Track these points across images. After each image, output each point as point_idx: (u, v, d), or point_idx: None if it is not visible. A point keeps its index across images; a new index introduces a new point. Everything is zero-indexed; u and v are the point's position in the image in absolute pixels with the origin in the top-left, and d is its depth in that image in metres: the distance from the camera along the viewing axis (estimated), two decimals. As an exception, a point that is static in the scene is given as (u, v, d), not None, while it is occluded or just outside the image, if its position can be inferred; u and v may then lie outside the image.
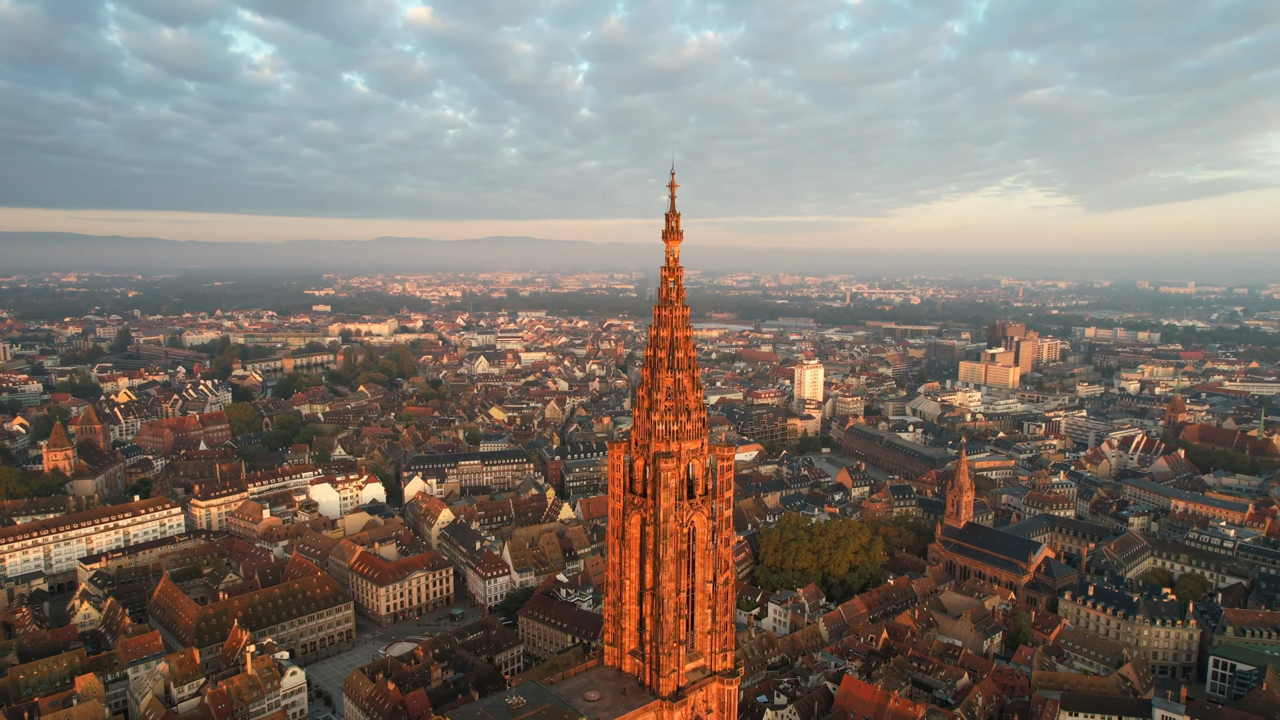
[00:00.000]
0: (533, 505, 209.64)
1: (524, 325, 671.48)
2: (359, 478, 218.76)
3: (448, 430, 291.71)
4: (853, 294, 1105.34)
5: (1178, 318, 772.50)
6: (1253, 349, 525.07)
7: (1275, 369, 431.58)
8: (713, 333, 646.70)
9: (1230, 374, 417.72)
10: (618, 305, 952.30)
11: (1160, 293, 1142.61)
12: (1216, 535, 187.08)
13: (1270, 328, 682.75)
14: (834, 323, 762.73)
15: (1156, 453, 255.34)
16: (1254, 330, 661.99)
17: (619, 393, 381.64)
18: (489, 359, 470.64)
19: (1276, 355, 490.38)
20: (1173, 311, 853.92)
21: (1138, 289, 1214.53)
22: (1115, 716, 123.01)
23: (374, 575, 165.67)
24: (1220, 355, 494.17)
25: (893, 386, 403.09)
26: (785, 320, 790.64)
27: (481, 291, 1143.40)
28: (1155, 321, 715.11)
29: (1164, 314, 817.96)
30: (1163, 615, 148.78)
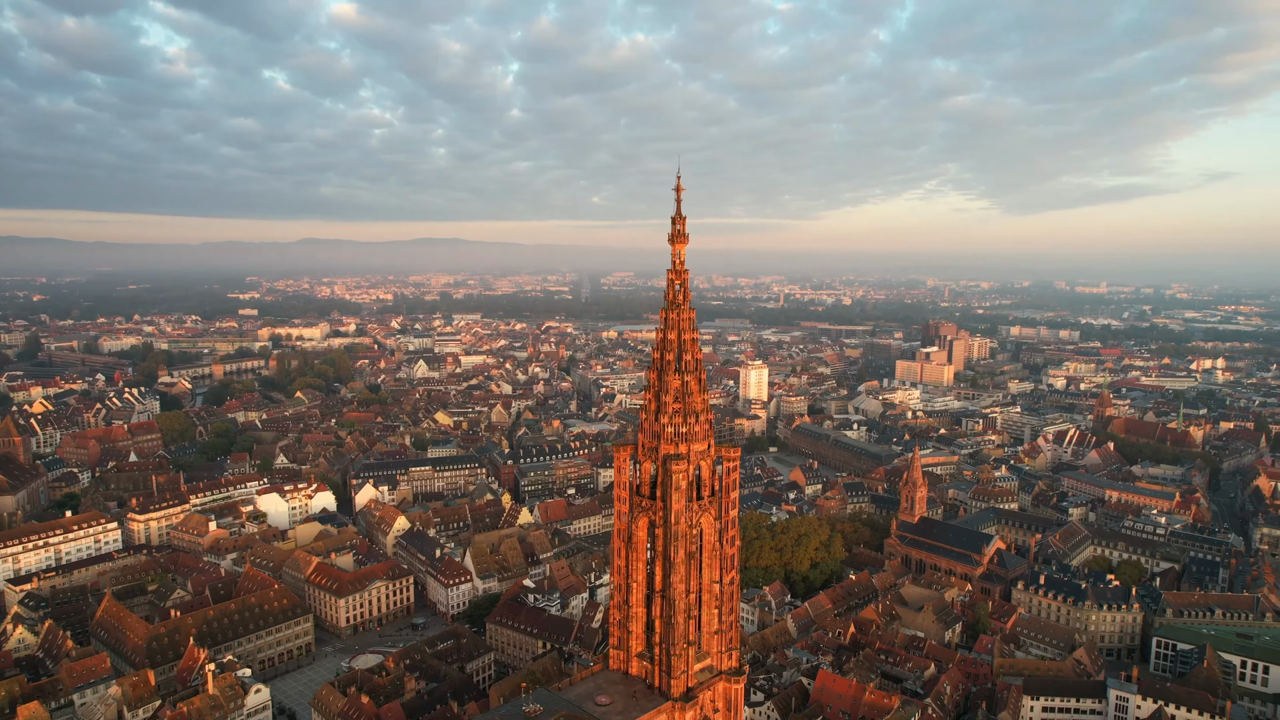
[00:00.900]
0: (489, 511, 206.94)
1: (461, 328, 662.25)
2: (308, 486, 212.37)
3: (394, 436, 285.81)
4: (786, 295, 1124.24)
5: (1093, 316, 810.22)
6: (1163, 346, 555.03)
7: (1184, 365, 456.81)
8: (652, 334, 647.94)
9: (1146, 370, 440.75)
10: (553, 307, 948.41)
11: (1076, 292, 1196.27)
12: (1149, 523, 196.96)
13: (1176, 326, 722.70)
14: (770, 323, 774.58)
15: (1088, 446, 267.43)
16: (1163, 328, 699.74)
17: (565, 395, 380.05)
18: (428, 363, 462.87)
19: (1184, 352, 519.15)
20: (1088, 310, 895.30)
21: (1055, 289, 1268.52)
22: (1074, 698, 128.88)
23: (332, 586, 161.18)
24: (1135, 352, 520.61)
25: (834, 386, 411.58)
26: (722, 321, 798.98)
27: (414, 294, 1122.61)
28: (1074, 320, 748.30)
29: (1080, 313, 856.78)
30: (1108, 600, 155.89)
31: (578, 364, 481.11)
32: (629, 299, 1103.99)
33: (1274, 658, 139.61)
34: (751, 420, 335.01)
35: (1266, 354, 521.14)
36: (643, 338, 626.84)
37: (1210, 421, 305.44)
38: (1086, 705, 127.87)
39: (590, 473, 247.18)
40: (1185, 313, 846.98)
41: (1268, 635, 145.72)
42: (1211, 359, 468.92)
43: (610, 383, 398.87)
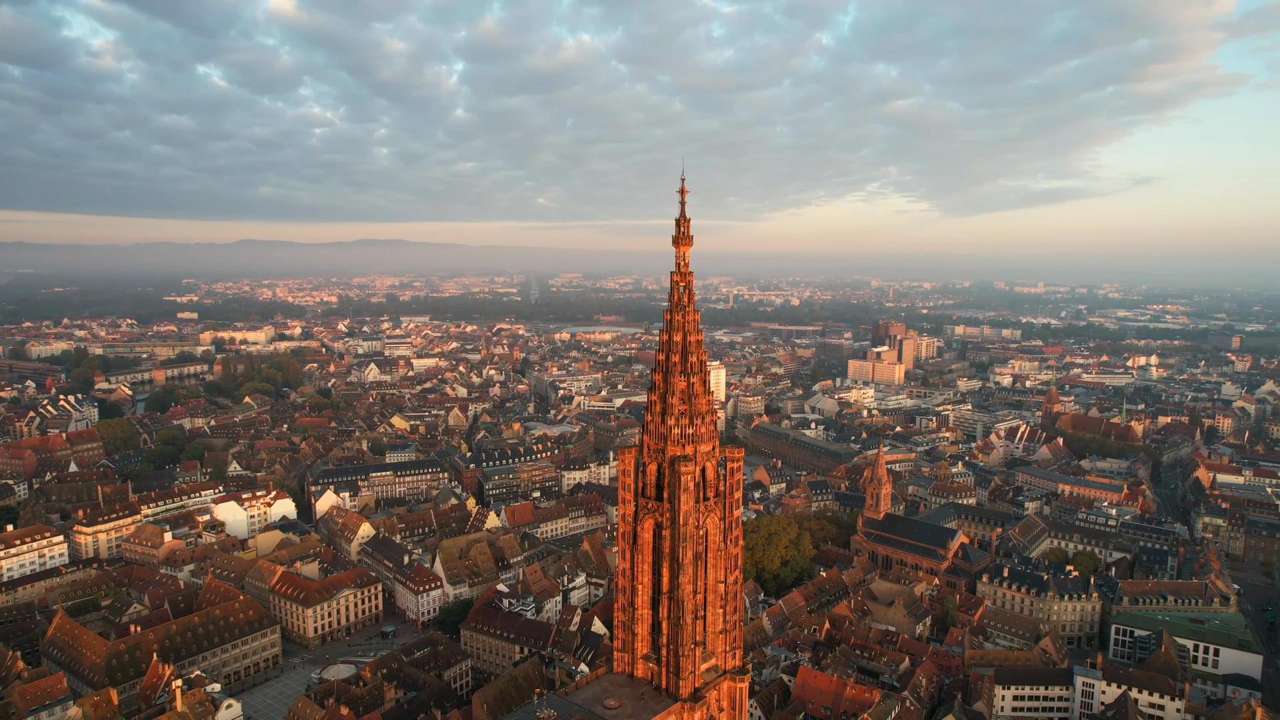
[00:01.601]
0: (455, 516, 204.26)
1: (410, 331, 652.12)
2: (266, 494, 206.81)
3: (350, 441, 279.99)
4: (735, 296, 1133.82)
5: (1033, 315, 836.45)
6: (1101, 344, 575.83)
7: (1121, 362, 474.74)
8: (605, 335, 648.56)
9: (1086, 367, 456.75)
10: (503, 309, 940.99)
11: (1015, 292, 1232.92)
12: (1101, 515, 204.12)
13: (1111, 324, 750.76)
14: (720, 324, 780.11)
15: (1039, 442, 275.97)
16: (1099, 327, 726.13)
17: (523, 398, 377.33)
18: (380, 366, 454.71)
19: (1120, 349, 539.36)
20: (1027, 309, 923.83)
21: (995, 289, 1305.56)
22: (1042, 686, 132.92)
23: (299, 596, 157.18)
24: (1076, 350, 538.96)
25: (788, 385, 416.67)
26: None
27: (359, 296, 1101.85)
28: (1015, 320, 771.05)
29: (1020, 312, 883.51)
30: (1069, 591, 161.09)
31: (532, 366, 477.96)
32: (579, 300, 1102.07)
33: (1224, 641, 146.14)
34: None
35: (1194, 351, 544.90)
36: (596, 339, 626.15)
37: (1149, 416, 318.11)
38: (1055, 693, 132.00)
39: (555, 475, 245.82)
40: (1118, 312, 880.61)
41: (1217, 620, 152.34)
42: (1145, 356, 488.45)
43: (567, 385, 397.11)
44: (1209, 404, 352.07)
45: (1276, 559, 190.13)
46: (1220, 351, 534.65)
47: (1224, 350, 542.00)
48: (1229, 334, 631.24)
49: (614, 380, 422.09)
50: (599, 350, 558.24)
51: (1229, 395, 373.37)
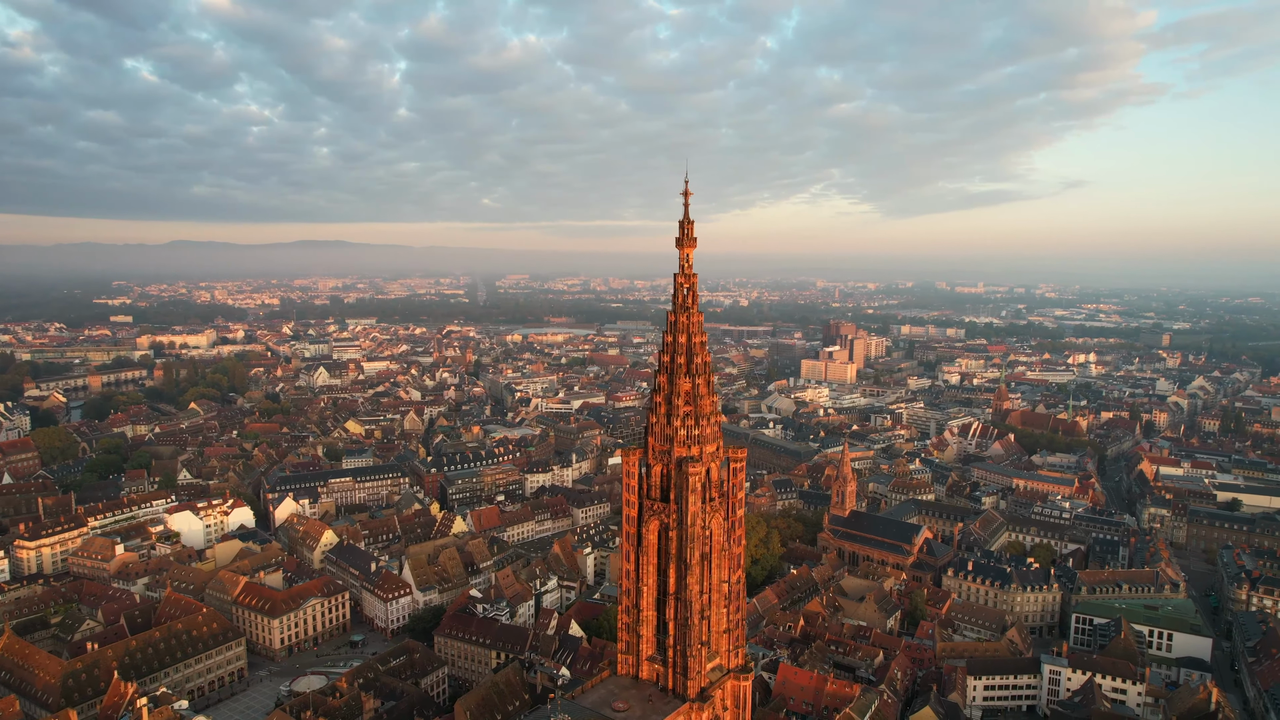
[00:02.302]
0: (419, 521, 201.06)
1: (358, 334, 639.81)
2: (223, 503, 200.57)
3: (304, 447, 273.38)
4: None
5: (974, 315, 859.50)
6: (1042, 342, 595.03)
7: (1062, 360, 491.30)
8: (557, 337, 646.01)
9: (1030, 365, 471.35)
10: (451, 311, 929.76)
11: (956, 292, 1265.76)
12: (1055, 509, 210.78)
13: (1049, 323, 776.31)
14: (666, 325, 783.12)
15: (991, 438, 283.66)
16: (1038, 326, 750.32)
17: (479, 400, 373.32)
18: (329, 370, 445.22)
19: (1060, 347, 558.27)
20: (969, 309, 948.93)
21: (937, 289, 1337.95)
22: (1012, 675, 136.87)
23: (264, 607, 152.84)
24: (1018, 348, 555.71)
25: (744, 385, 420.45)
26: (624, 323, 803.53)
27: (301, 299, 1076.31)
28: (958, 319, 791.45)
29: (962, 311, 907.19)
30: (1031, 582, 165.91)
31: (486, 368, 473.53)
32: (528, 302, 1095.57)
33: (1176, 626, 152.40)
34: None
35: (1129, 349, 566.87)
36: (548, 341, 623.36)
37: (1092, 412, 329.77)
38: (1023, 681, 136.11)
39: (518, 478, 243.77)
40: (1055, 311, 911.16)
41: (1170, 606, 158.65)
42: (1084, 354, 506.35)
43: (523, 387, 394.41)
44: (1146, 399, 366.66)
45: (1217, 546, 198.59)
46: (1152, 349, 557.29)
47: (1155, 348, 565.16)
48: (1159, 332, 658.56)
49: (569, 382, 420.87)
50: (552, 352, 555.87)
51: (1163, 391, 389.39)
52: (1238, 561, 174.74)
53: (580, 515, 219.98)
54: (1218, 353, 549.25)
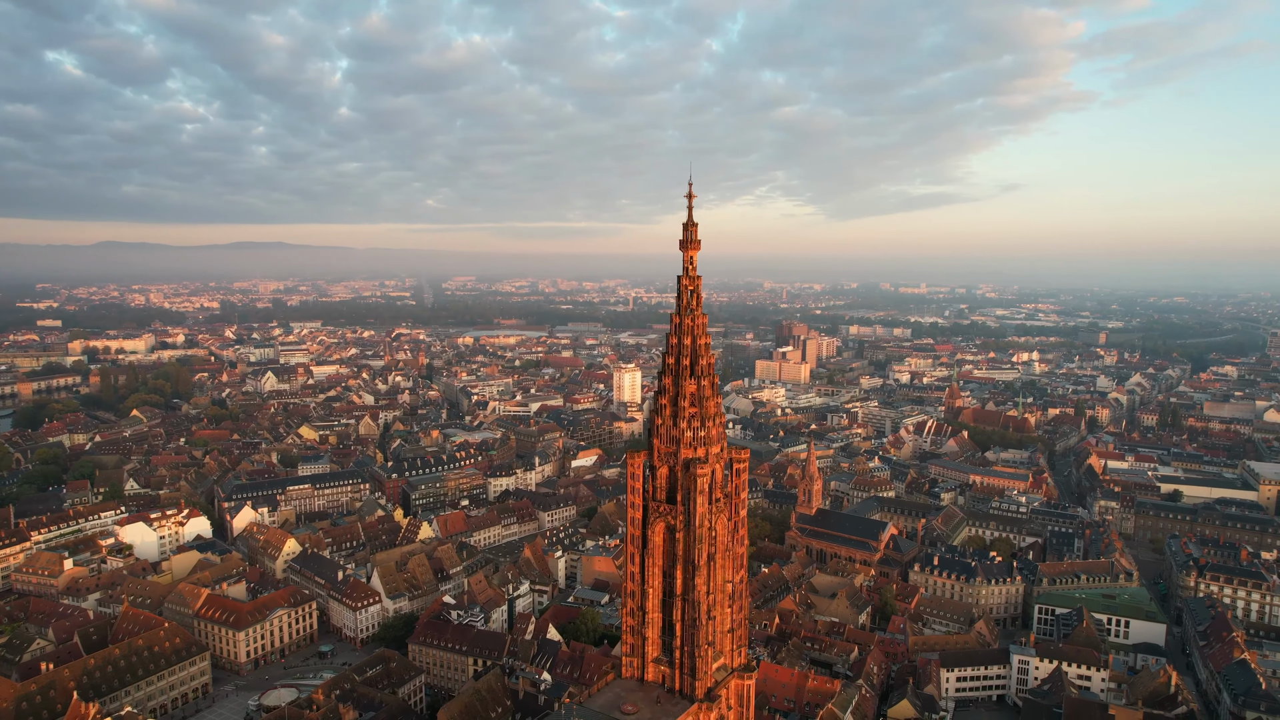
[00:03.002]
0: (384, 528, 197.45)
1: (304, 337, 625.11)
2: (178, 513, 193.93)
3: (258, 454, 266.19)
4: (635, 298, 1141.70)
5: (919, 315, 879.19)
6: (986, 341, 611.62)
7: (1007, 358, 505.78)
8: (509, 339, 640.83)
9: (976, 363, 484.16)
10: (398, 313, 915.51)
11: (900, 293, 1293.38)
12: (1012, 503, 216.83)
13: (992, 322, 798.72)
14: (623, 326, 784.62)
15: (945, 436, 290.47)
16: (981, 325, 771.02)
17: (435, 404, 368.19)
18: (277, 374, 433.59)
19: (1004, 346, 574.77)
20: (913, 309, 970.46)
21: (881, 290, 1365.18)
22: (982, 666, 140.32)
23: (229, 619, 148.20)
24: (964, 347, 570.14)
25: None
26: (575, 325, 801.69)
27: (242, 302, 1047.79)
28: (904, 319, 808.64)
29: (907, 311, 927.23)
30: (994, 575, 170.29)
31: (440, 371, 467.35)
32: (476, 304, 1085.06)
33: (1133, 613, 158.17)
34: (629, 423, 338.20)
35: (1069, 347, 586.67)
36: (500, 343, 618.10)
37: (1039, 408, 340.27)
38: (993, 671, 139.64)
39: (482, 483, 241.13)
40: (996, 310, 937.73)
41: (1126, 594, 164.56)
42: (1027, 352, 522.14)
43: (479, 390, 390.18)
44: (1088, 396, 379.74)
45: (1163, 536, 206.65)
46: (1090, 347, 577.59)
47: (1093, 346, 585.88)
48: (1095, 331, 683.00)
49: (525, 384, 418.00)
50: (505, 354, 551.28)
51: (1104, 388, 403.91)
52: (1185, 550, 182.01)
53: (547, 518, 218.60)
54: (1150, 350, 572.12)
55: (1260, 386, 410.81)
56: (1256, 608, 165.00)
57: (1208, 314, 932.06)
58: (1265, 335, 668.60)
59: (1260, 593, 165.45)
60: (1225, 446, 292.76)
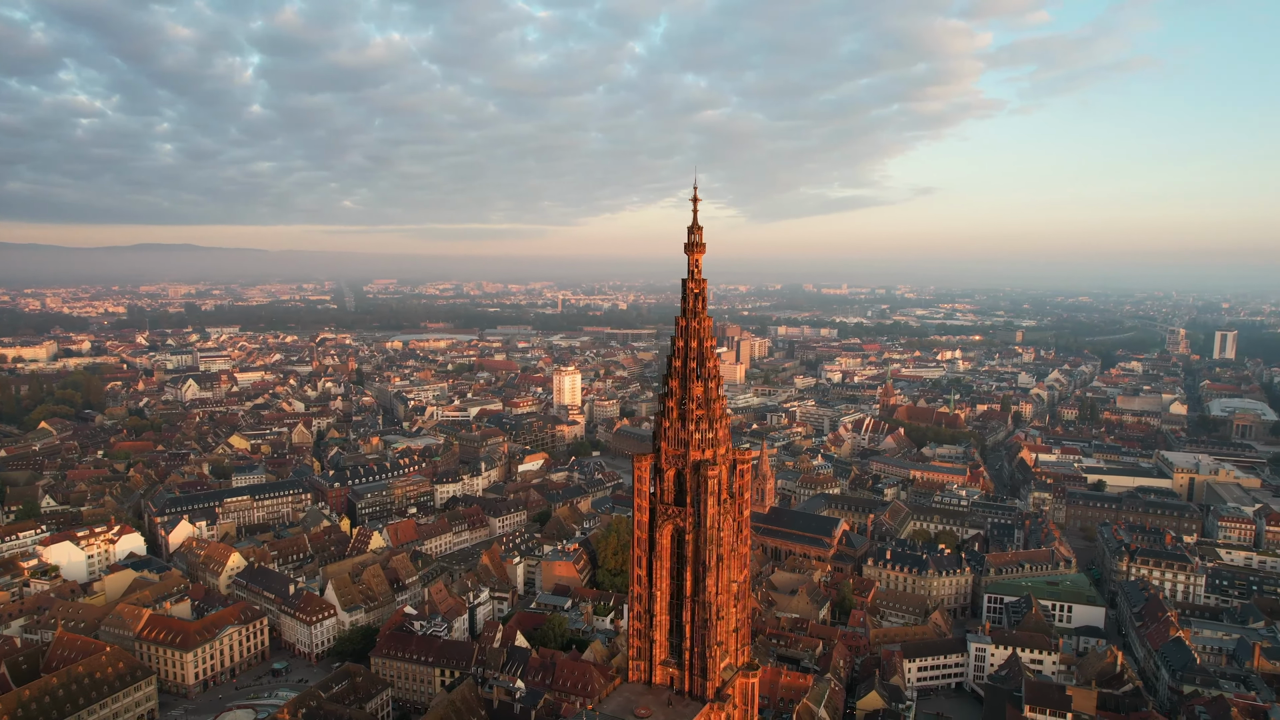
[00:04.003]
0: (332, 539, 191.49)
1: (224, 343, 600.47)
2: (108, 530, 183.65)
3: (187, 466, 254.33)
4: (563, 301, 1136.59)
5: (843, 315, 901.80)
6: (910, 340, 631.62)
7: (932, 357, 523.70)
8: (439, 343, 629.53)
9: (903, 362, 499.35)
10: (320, 317, 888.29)
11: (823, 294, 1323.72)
12: (953, 497, 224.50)
13: (913, 322, 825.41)
14: (554, 329, 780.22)
15: (883, 433, 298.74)
16: (904, 325, 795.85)
17: (371, 410, 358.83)
18: (199, 382, 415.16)
19: (928, 345, 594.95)
20: (837, 309, 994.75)
21: (805, 291, 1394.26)
22: (942, 655, 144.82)
23: (175, 640, 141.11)
24: (890, 347, 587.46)
25: (638, 388, 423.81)
26: (505, 328, 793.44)
27: (152, 306, 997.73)
28: (829, 319, 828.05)
29: (830, 312, 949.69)
30: (945, 567, 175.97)
31: (371, 377, 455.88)
32: (401, 307, 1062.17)
33: (1075, 598, 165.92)
34: (571, 426, 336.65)
35: (988, 345, 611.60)
36: (431, 347, 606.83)
37: (968, 405, 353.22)
38: (952, 660, 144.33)
39: (429, 490, 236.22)
40: (916, 310, 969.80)
41: (1068, 581, 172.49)
42: (950, 351, 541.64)
43: (415, 395, 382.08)
44: (1012, 392, 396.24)
45: (1093, 524, 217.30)
46: (1008, 345, 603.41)
47: (1011, 344, 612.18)
48: (1011, 329, 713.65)
49: (460, 389, 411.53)
50: (437, 359, 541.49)
51: (1025, 384, 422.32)
52: (1116, 537, 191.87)
53: (498, 524, 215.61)
54: (1063, 347, 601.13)
55: (1164, 381, 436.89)
56: (1182, 588, 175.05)
57: (1110, 313, 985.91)
58: (1163, 333, 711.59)
59: (1185, 574, 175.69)
60: (1139, 438, 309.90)
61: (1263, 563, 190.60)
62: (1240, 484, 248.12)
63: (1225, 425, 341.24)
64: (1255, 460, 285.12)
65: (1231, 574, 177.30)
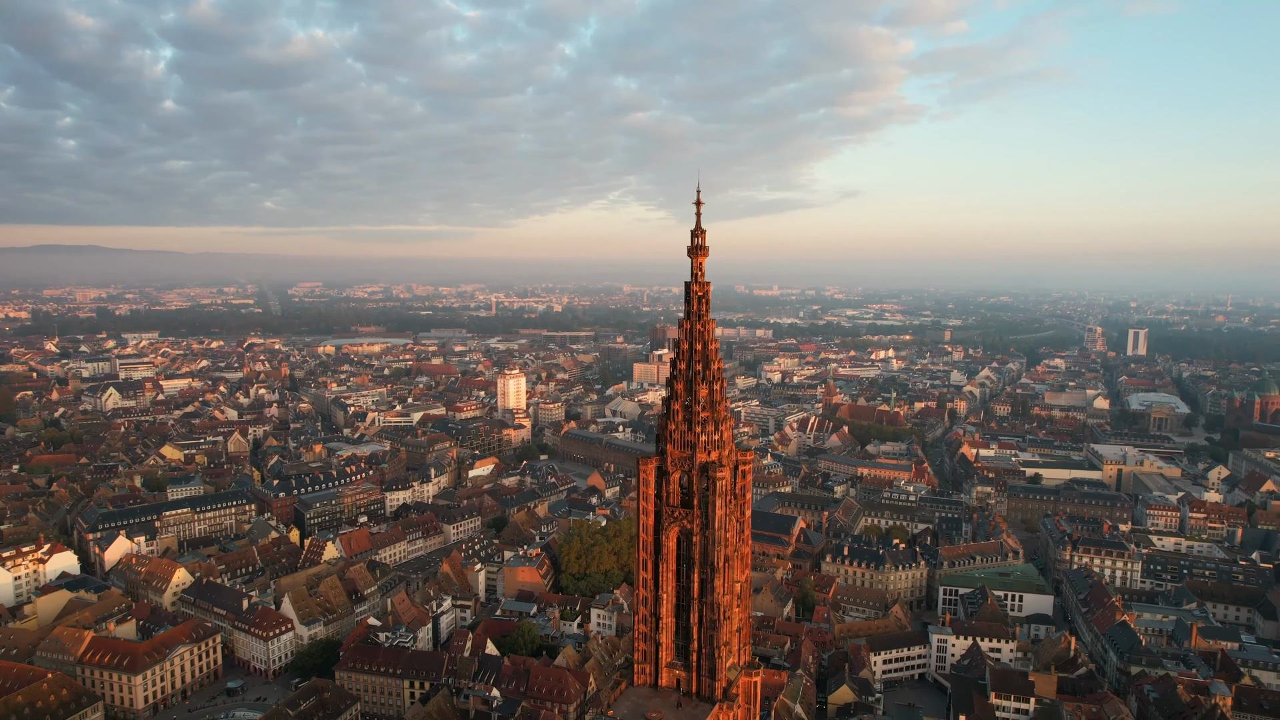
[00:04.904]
0: (282, 550, 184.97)
1: (145, 350, 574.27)
2: (36, 549, 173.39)
3: (116, 479, 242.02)
4: (497, 303, 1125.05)
5: (776, 316, 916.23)
6: (844, 340, 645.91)
7: (867, 356, 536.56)
8: (374, 347, 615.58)
9: (840, 362, 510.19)
10: (245, 322, 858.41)
11: (754, 295, 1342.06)
12: (901, 493, 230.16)
13: (844, 322, 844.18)
14: (489, 332, 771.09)
15: (828, 431, 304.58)
16: (836, 325, 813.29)
17: (310, 417, 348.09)
18: (121, 391, 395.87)
19: (862, 345, 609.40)
20: (769, 310, 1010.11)
21: (737, 292, 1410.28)
22: (906, 648, 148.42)
23: (122, 663, 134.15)
24: (826, 346, 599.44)
25: (582, 390, 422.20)
26: (439, 331, 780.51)
27: (58, 311, 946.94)
28: (763, 320, 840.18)
29: (763, 313, 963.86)
30: (901, 561, 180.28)
31: (306, 383, 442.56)
32: (329, 311, 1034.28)
33: (1025, 588, 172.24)
34: (517, 430, 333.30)
35: (919, 344, 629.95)
36: (365, 351, 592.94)
37: (906, 402, 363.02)
38: (915, 652, 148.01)
39: (380, 497, 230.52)
40: (846, 311, 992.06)
41: (1018, 571, 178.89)
42: (884, 350, 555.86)
43: (354, 400, 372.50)
44: (946, 389, 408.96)
45: (1034, 516, 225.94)
46: (938, 344, 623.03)
47: (940, 343, 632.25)
48: (940, 329, 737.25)
49: (400, 394, 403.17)
50: (372, 363, 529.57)
51: (957, 381, 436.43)
52: (1060, 528, 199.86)
53: (452, 531, 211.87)
54: (989, 346, 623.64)
55: (1086, 377, 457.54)
56: (1120, 574, 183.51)
57: (1030, 311, 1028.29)
58: (1081, 331, 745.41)
59: (1123, 561, 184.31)
60: (1068, 432, 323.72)
61: (1190, 548, 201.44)
62: (1163, 474, 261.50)
63: (1144, 418, 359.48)
64: (1174, 451, 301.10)
65: (1164, 559, 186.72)
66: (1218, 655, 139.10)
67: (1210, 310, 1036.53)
